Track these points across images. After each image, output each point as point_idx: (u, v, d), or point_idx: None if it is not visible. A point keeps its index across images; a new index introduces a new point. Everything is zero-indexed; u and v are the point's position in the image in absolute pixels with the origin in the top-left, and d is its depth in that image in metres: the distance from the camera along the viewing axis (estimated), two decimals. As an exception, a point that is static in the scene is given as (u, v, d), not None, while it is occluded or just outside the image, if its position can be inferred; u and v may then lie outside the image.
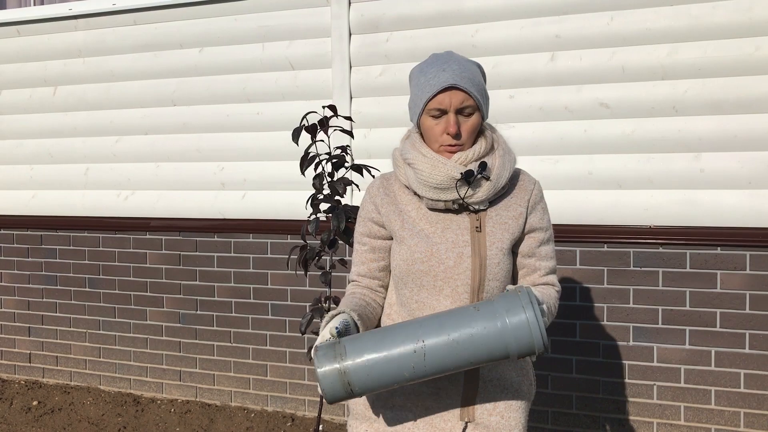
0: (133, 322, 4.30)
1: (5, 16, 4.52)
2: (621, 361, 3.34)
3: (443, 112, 1.75)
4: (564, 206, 3.37)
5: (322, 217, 2.91)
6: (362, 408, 1.85)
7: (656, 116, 3.26)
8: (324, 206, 2.91)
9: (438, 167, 1.74)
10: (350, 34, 3.78)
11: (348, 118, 3.04)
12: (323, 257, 2.97)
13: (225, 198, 4.06)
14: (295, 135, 2.79)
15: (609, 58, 3.31)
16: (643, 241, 3.27)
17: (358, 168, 2.89)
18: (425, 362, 1.55)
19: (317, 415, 3.03)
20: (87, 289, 4.42)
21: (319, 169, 2.88)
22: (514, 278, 1.88)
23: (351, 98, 3.78)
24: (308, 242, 2.97)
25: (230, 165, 4.05)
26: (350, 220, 2.82)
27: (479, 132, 1.82)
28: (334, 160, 2.87)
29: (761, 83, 3.10)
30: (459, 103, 1.74)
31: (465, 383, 1.77)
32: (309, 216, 2.89)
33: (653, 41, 3.25)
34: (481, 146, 1.79)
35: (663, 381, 3.28)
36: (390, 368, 1.55)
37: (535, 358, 1.61)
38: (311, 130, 2.82)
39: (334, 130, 2.99)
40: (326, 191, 2.88)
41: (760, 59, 3.10)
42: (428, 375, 1.58)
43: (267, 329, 3.98)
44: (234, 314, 4.06)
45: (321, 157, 2.87)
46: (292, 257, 3.78)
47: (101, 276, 4.38)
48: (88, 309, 4.43)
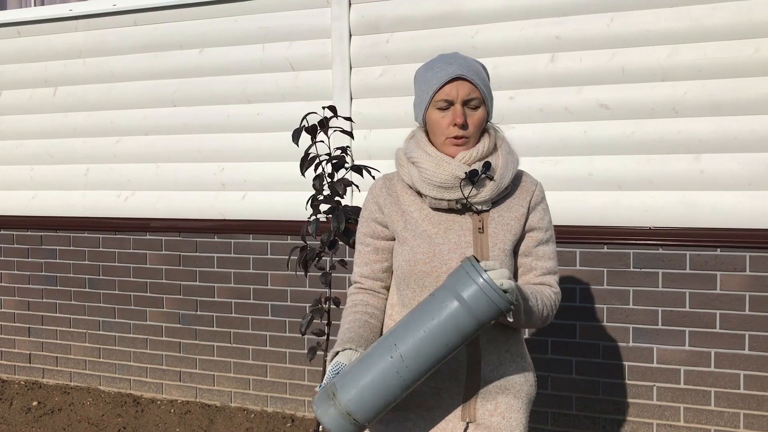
0: (133, 323, 4.30)
1: (6, 17, 4.52)
2: (621, 362, 3.34)
3: (450, 104, 1.76)
4: (564, 207, 3.37)
5: (322, 218, 2.91)
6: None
7: (656, 117, 3.26)
8: (324, 207, 2.91)
9: (442, 166, 1.75)
10: (350, 35, 3.78)
11: (348, 119, 3.05)
12: (323, 258, 2.97)
13: (225, 199, 4.06)
14: (295, 136, 2.79)
15: (609, 60, 3.32)
16: (643, 242, 3.27)
17: (358, 169, 2.89)
18: (406, 364, 1.57)
19: (317, 418, 3.03)
20: (87, 290, 4.42)
21: (319, 170, 2.88)
22: (517, 279, 1.88)
23: (351, 99, 3.79)
24: (308, 243, 2.97)
25: (230, 166, 4.05)
26: (350, 221, 2.82)
27: (483, 131, 1.83)
28: (334, 161, 2.88)
29: (761, 85, 3.11)
30: (466, 95, 1.75)
31: (466, 383, 1.77)
32: (309, 217, 2.89)
33: (653, 42, 3.25)
34: (485, 145, 1.80)
35: (663, 382, 3.28)
36: (379, 385, 1.58)
37: (511, 319, 1.60)
38: (311, 131, 2.82)
39: (334, 131, 3.00)
40: (326, 192, 2.89)
41: (760, 61, 3.10)
42: (418, 376, 1.60)
43: (267, 330, 3.98)
44: (234, 315, 4.06)
45: (321, 158, 2.87)
46: (292, 258, 3.78)
47: (101, 276, 4.38)
48: (88, 309, 4.43)
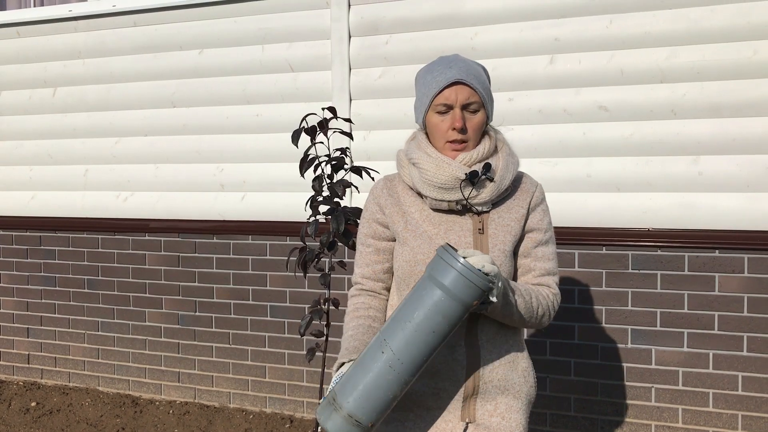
0: (132, 324, 4.30)
1: (5, 18, 4.52)
2: (619, 364, 3.35)
3: (449, 108, 1.77)
4: (563, 208, 3.38)
5: (322, 219, 2.91)
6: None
7: (655, 119, 3.27)
8: (323, 208, 2.91)
9: (442, 167, 1.76)
10: (350, 37, 3.78)
11: (347, 120, 3.05)
12: (322, 259, 2.97)
13: (224, 199, 4.07)
14: (295, 137, 2.79)
15: (608, 61, 3.32)
16: (642, 244, 3.27)
17: (358, 170, 2.89)
18: (400, 359, 1.58)
19: (316, 417, 3.04)
20: (86, 291, 4.42)
21: (319, 171, 2.88)
22: (516, 280, 1.88)
23: (350, 100, 3.79)
24: (307, 244, 2.97)
25: (230, 166, 4.06)
26: (349, 222, 2.82)
27: (483, 133, 1.84)
28: (334, 162, 2.88)
29: (759, 86, 3.11)
30: (465, 99, 1.76)
31: (466, 384, 1.78)
32: (308, 218, 2.89)
33: (652, 44, 3.25)
34: (485, 147, 1.81)
35: (661, 383, 3.29)
36: (377, 384, 1.59)
37: (494, 298, 1.60)
38: (311, 132, 2.82)
39: (334, 132, 3.00)
40: (325, 193, 2.89)
41: (759, 63, 3.11)
42: (413, 368, 1.61)
43: (266, 331, 3.99)
44: (233, 316, 4.06)
45: (320, 159, 2.87)
46: (292, 259, 3.78)
47: (100, 277, 4.38)
48: (87, 310, 4.43)
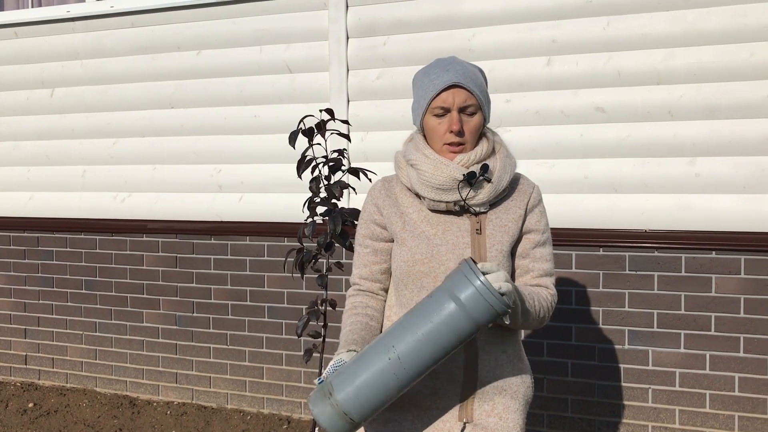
0: (130, 324, 4.30)
1: (3, 18, 4.52)
2: (616, 365, 3.35)
3: (446, 111, 1.78)
4: (560, 210, 3.38)
5: (319, 220, 2.92)
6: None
7: (652, 121, 3.28)
8: (320, 209, 2.92)
9: (440, 168, 1.77)
10: (348, 38, 3.79)
11: (345, 122, 3.05)
12: (320, 260, 2.98)
13: (222, 200, 4.07)
14: (292, 138, 2.80)
15: (605, 63, 3.33)
16: (639, 245, 3.28)
17: (355, 171, 2.90)
18: (404, 366, 1.58)
19: (313, 418, 3.04)
20: (83, 291, 4.42)
21: (316, 173, 2.89)
22: (514, 281, 1.89)
23: (348, 101, 3.79)
24: (305, 245, 2.98)
25: (227, 167, 4.06)
26: (347, 223, 2.83)
27: (481, 135, 1.85)
28: (331, 164, 2.88)
29: (756, 89, 3.12)
30: (462, 102, 1.77)
31: (463, 384, 1.78)
32: (306, 219, 2.90)
33: (649, 46, 3.26)
34: (483, 148, 1.82)
35: (658, 384, 3.29)
36: (376, 385, 1.59)
37: (508, 320, 1.61)
38: (308, 134, 2.83)
39: (331, 134, 3.00)
40: (323, 194, 2.89)
41: (755, 65, 3.12)
42: (415, 377, 1.61)
43: (263, 332, 3.99)
44: (230, 317, 4.06)
45: (318, 161, 2.88)
46: (289, 260, 3.78)
47: (98, 278, 4.38)
48: (85, 311, 4.43)
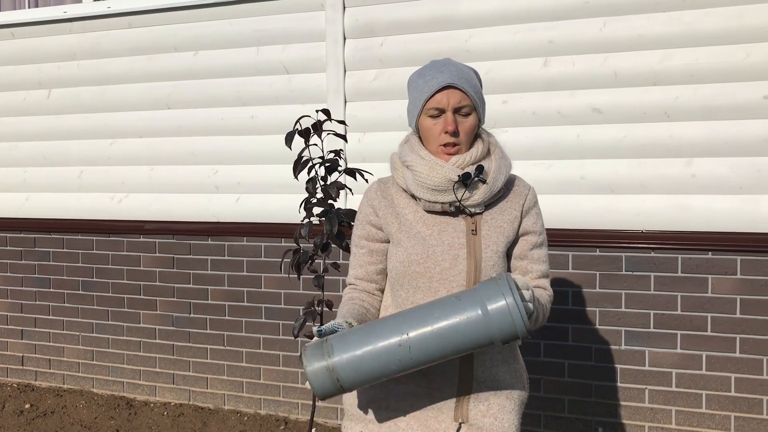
0: (127, 325, 4.30)
1: (0, 19, 4.52)
2: (613, 365, 3.36)
3: (441, 112, 1.79)
4: (557, 210, 3.39)
5: (315, 221, 2.91)
6: (356, 409, 1.86)
7: (648, 122, 3.28)
8: (317, 210, 2.92)
9: (436, 169, 1.78)
10: (345, 39, 3.79)
11: (341, 122, 3.06)
12: (316, 261, 2.98)
13: (219, 201, 4.07)
14: (288, 139, 2.80)
15: (601, 64, 3.34)
16: (635, 246, 3.28)
17: (351, 172, 2.90)
18: (411, 355, 1.58)
19: (310, 419, 3.04)
20: (80, 292, 4.42)
21: (312, 173, 2.89)
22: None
23: (345, 102, 3.80)
24: (301, 246, 2.98)
25: (224, 168, 4.06)
26: (343, 224, 2.83)
27: (476, 136, 1.86)
28: (327, 164, 2.88)
29: (752, 89, 3.13)
30: (456, 103, 1.78)
31: (459, 384, 1.79)
32: (302, 220, 2.90)
33: (645, 47, 3.27)
34: (478, 150, 1.83)
35: (654, 385, 3.30)
36: (377, 362, 1.58)
37: (521, 342, 1.63)
38: (304, 135, 2.83)
39: (328, 134, 3.01)
40: (319, 195, 2.89)
41: (751, 65, 3.12)
42: (415, 366, 1.61)
43: (260, 332, 3.99)
44: (227, 317, 4.06)
45: (314, 161, 2.88)
46: (285, 261, 3.78)
47: (95, 279, 4.37)
48: (82, 312, 4.42)
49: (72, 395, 4.36)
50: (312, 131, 2.83)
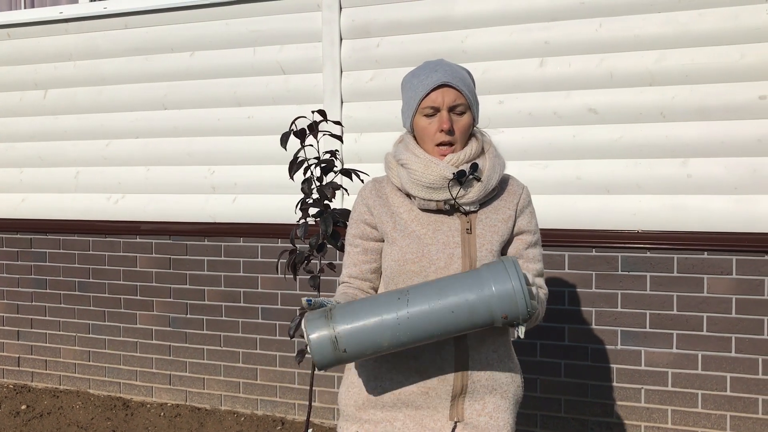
0: (123, 326, 4.30)
1: (-4, 19, 4.52)
2: (609, 365, 3.36)
3: (436, 110, 1.80)
4: (552, 211, 3.39)
5: (311, 222, 2.92)
6: (352, 409, 1.87)
7: (644, 122, 3.29)
8: (313, 210, 2.92)
9: (430, 167, 1.79)
10: (341, 39, 3.79)
11: (337, 123, 3.06)
12: (312, 261, 2.98)
13: (216, 202, 4.07)
14: (283, 140, 2.80)
15: (597, 64, 3.34)
16: (631, 246, 3.29)
17: (347, 172, 2.90)
18: (411, 326, 1.59)
19: (306, 419, 3.04)
20: (77, 293, 4.41)
21: (308, 174, 2.89)
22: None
23: (342, 103, 3.80)
24: (297, 246, 2.98)
25: (221, 169, 4.06)
26: (339, 224, 2.83)
27: (470, 135, 1.88)
28: (323, 165, 2.88)
29: (747, 90, 3.13)
30: (451, 101, 1.80)
31: (454, 383, 1.79)
32: (298, 220, 2.90)
33: (641, 48, 3.27)
34: (473, 148, 1.84)
35: (650, 384, 3.30)
36: (380, 331, 1.59)
37: (522, 334, 1.62)
38: (300, 135, 2.83)
39: (323, 135, 3.01)
40: (315, 195, 2.89)
41: (746, 66, 3.13)
42: (417, 340, 1.62)
43: (257, 333, 3.99)
44: (224, 318, 4.06)
45: (310, 162, 2.88)
46: (282, 261, 3.78)
47: (91, 279, 4.37)
48: (78, 312, 4.42)
49: (68, 396, 4.35)
50: (308, 132, 2.83)
